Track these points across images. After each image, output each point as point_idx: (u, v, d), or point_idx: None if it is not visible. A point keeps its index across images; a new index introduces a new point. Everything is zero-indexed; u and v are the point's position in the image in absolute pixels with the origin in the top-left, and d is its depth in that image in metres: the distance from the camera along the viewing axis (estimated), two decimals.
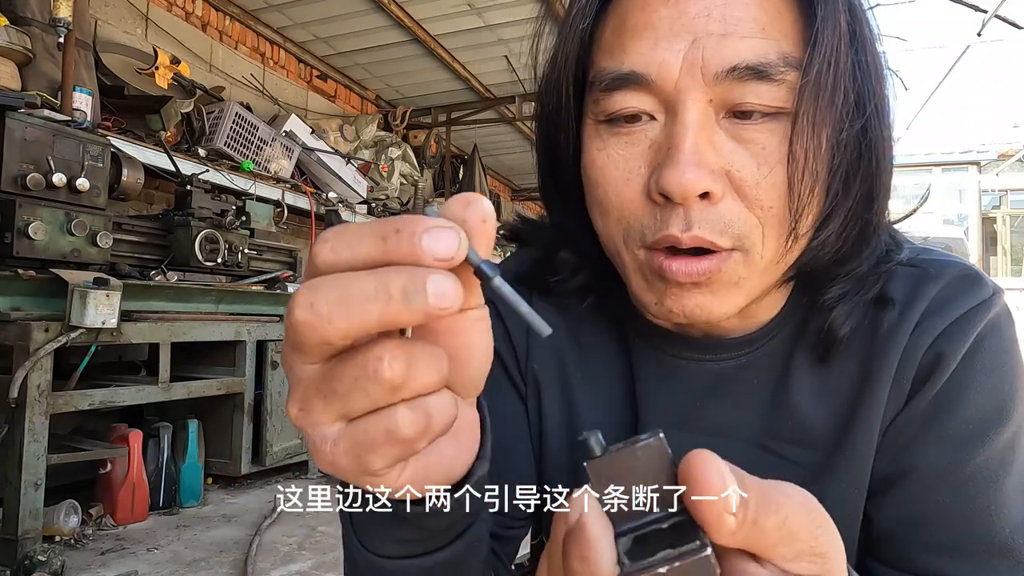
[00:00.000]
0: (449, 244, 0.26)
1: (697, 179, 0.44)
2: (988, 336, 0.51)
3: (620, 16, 0.48)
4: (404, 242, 0.26)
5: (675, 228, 0.46)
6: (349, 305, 0.26)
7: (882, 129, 0.49)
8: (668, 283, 0.48)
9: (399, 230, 0.26)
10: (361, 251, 0.27)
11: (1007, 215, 15.14)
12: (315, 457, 0.30)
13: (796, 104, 0.45)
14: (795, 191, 0.46)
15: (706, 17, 0.45)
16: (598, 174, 0.50)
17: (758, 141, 0.46)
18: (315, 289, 0.27)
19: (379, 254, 0.27)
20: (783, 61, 0.45)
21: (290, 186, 4.36)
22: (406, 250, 0.26)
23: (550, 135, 0.55)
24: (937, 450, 0.51)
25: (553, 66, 0.53)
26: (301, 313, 0.26)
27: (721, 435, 0.56)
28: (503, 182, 9.12)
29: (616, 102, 0.47)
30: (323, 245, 0.28)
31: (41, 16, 2.91)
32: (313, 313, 0.26)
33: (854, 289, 0.53)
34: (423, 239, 0.26)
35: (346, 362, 0.28)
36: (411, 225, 0.26)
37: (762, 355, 0.56)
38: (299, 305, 0.27)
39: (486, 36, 4.98)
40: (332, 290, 0.26)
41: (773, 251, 0.48)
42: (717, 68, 0.44)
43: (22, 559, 2.08)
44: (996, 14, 5.55)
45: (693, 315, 0.48)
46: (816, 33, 0.45)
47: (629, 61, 0.46)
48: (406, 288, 0.25)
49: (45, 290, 2.37)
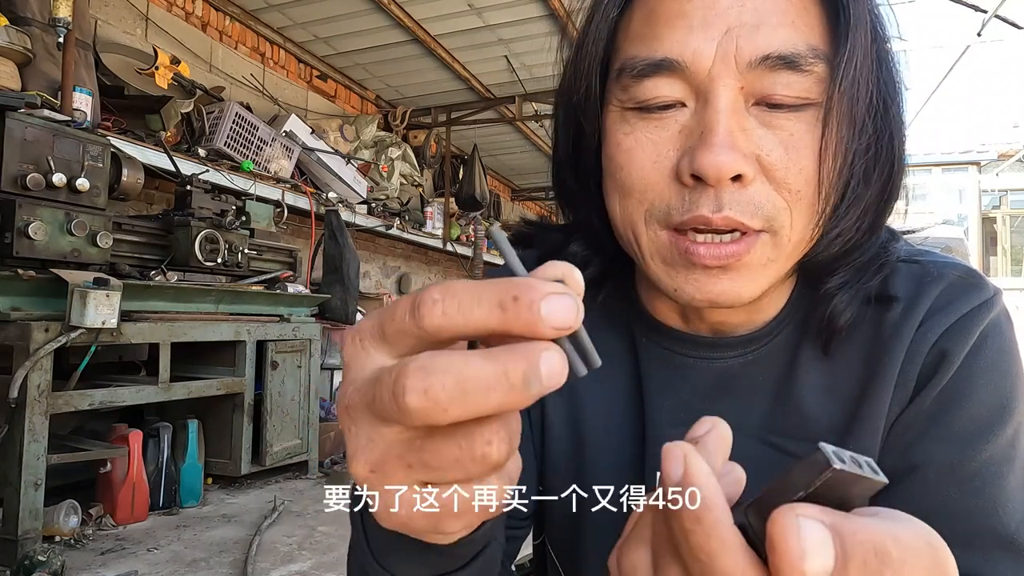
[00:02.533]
0: (568, 314, 0.25)
1: (732, 160, 0.45)
2: (990, 335, 0.52)
3: (650, 6, 0.49)
4: (523, 312, 0.25)
5: (705, 209, 0.47)
6: (469, 394, 0.24)
7: (899, 122, 0.51)
8: (692, 268, 0.49)
9: (517, 298, 0.25)
10: (476, 319, 0.25)
11: (1007, 215, 15.15)
12: (382, 517, 0.29)
13: (828, 95, 0.46)
14: (823, 179, 0.47)
15: (739, 8, 0.46)
16: (624, 156, 0.50)
17: (786, 128, 0.47)
18: (429, 372, 0.24)
19: (496, 324, 0.25)
20: (811, 52, 0.46)
21: (290, 186, 4.37)
22: (525, 321, 0.25)
23: (573, 121, 0.56)
24: (943, 447, 0.51)
25: (581, 55, 0.54)
26: (415, 400, 0.24)
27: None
28: (503, 182, 9.12)
29: (648, 89, 0.48)
30: (432, 307, 0.26)
31: (41, 16, 2.91)
32: (429, 400, 0.24)
33: (854, 278, 0.53)
34: (543, 309, 0.24)
35: (447, 440, 0.26)
36: (529, 292, 0.25)
37: (768, 352, 0.57)
38: (413, 390, 0.24)
39: (486, 36, 4.98)
40: (450, 376, 0.24)
41: (800, 233, 0.49)
42: (750, 56, 0.46)
43: (22, 559, 2.08)
44: (996, 14, 5.55)
45: (719, 300, 0.49)
46: (848, 29, 0.46)
47: (663, 48, 0.47)
48: (527, 375, 0.24)
49: (45, 290, 2.38)
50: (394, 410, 0.25)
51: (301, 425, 3.51)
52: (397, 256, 6.54)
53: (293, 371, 3.46)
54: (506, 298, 0.25)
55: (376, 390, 0.26)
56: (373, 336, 0.28)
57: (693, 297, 0.49)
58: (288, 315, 3.52)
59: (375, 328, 0.28)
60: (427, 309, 0.26)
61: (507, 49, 5.16)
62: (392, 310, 0.27)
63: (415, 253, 6.81)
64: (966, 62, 8.01)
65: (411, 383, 0.24)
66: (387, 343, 0.27)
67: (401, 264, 6.62)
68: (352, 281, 4.11)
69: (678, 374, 0.59)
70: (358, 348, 0.28)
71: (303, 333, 3.54)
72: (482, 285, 0.26)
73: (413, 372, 0.25)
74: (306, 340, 3.56)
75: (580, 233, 0.61)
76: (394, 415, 0.25)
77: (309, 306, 3.75)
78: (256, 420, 3.22)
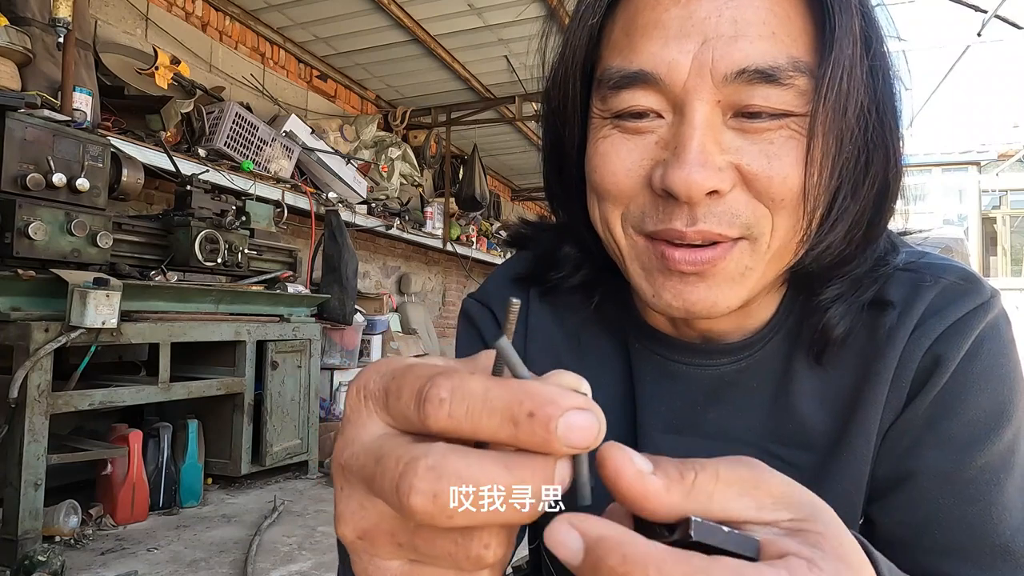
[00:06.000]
0: (588, 434, 0.23)
1: (703, 179, 0.44)
2: (986, 339, 0.51)
3: (630, 14, 0.48)
4: (538, 431, 0.23)
5: (679, 223, 0.46)
6: (477, 507, 0.23)
7: (893, 132, 0.49)
8: (669, 274, 0.48)
9: (533, 414, 0.23)
10: (484, 430, 0.24)
11: (1007, 215, 15.14)
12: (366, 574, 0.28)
13: (812, 108, 0.45)
14: (808, 191, 0.46)
15: (717, 18, 0.45)
16: (600, 160, 0.49)
17: (767, 137, 0.46)
18: (441, 477, 0.23)
19: (506, 439, 0.24)
20: (792, 65, 0.45)
21: (290, 186, 4.36)
22: (540, 440, 0.23)
23: (556, 130, 0.55)
24: (938, 453, 0.50)
25: (561, 61, 0.53)
26: (421, 503, 0.23)
27: (722, 439, 0.56)
28: (503, 182, 9.12)
29: (624, 100, 0.47)
30: (439, 407, 0.24)
31: (41, 16, 2.91)
32: (436, 506, 0.23)
33: (850, 290, 0.52)
34: (559, 428, 0.23)
35: (444, 535, 0.25)
36: (546, 407, 0.23)
37: (761, 359, 0.56)
38: (421, 492, 0.23)
39: (486, 36, 4.98)
40: (460, 483, 0.23)
41: (781, 241, 0.47)
42: (726, 70, 0.44)
43: (22, 559, 2.07)
44: (996, 14, 5.54)
45: (694, 309, 0.48)
46: (833, 40, 0.44)
47: (639, 60, 0.46)
48: (537, 495, 0.23)
49: (45, 290, 2.37)
50: (395, 503, 0.24)
51: (301, 425, 3.51)
52: (397, 256, 6.54)
53: (293, 371, 3.46)
54: (520, 413, 0.23)
55: (378, 471, 0.25)
56: (377, 402, 0.27)
57: (670, 304, 0.48)
58: (288, 315, 3.52)
59: (380, 394, 0.26)
60: (432, 409, 0.24)
61: (507, 49, 5.16)
62: (399, 386, 0.26)
63: (415, 253, 6.81)
64: (966, 62, 8.01)
65: (420, 485, 0.23)
66: (390, 415, 0.26)
67: (401, 264, 6.62)
68: (350, 281, 4.11)
69: (671, 381, 0.58)
70: (361, 406, 0.27)
71: (303, 333, 3.54)
72: (494, 388, 0.24)
73: (424, 474, 0.23)
74: (306, 340, 3.56)
75: (572, 236, 0.60)
76: (393, 506, 0.24)
77: (309, 306, 3.75)
78: (256, 420, 3.22)
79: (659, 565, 0.23)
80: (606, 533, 0.24)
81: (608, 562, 0.23)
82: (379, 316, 5.10)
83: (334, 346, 4.39)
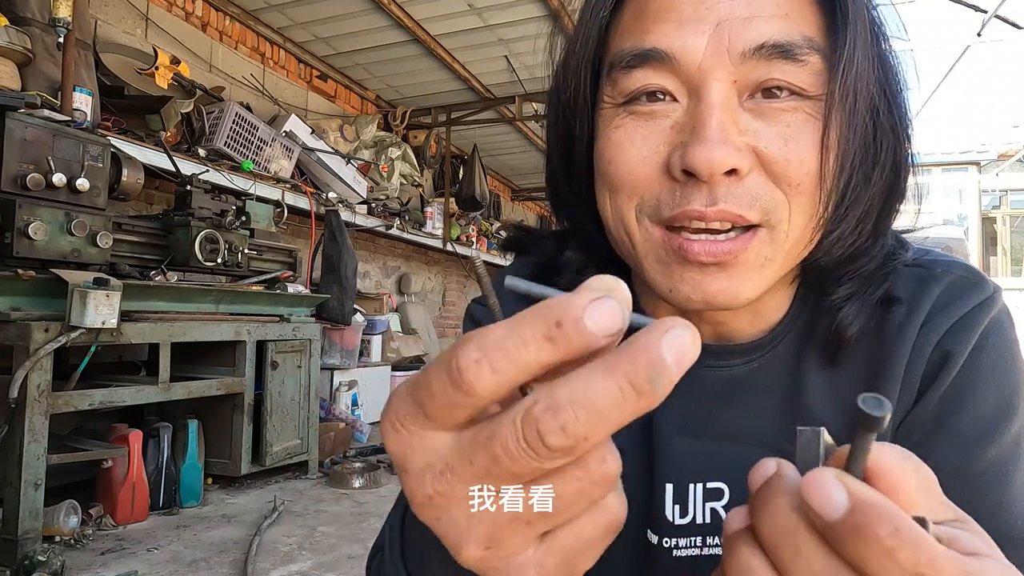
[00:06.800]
0: (614, 319, 0.23)
1: (724, 155, 0.43)
2: (991, 333, 0.52)
3: (640, 2, 0.48)
4: (572, 336, 0.23)
5: (698, 203, 0.45)
6: (603, 416, 0.23)
7: (902, 121, 0.50)
8: (687, 266, 0.47)
9: (560, 323, 0.23)
10: (529, 362, 0.23)
11: (1007, 215, 15.14)
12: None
13: (828, 91, 0.45)
14: (825, 175, 0.46)
15: (731, 1, 0.45)
16: (613, 151, 0.49)
17: (783, 119, 0.46)
18: (559, 409, 0.23)
19: (550, 358, 0.23)
20: (807, 43, 0.45)
21: (290, 186, 4.37)
22: (580, 343, 0.23)
23: (565, 123, 0.55)
24: (950, 448, 0.51)
25: (570, 52, 0.53)
26: (556, 440, 0.23)
27: (735, 440, 0.55)
28: (503, 182, 9.12)
29: (637, 79, 0.47)
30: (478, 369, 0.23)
31: (41, 16, 2.91)
32: (569, 436, 0.23)
33: (861, 289, 0.53)
34: (588, 324, 0.23)
35: (563, 477, 0.25)
36: (568, 312, 0.23)
37: (773, 359, 0.56)
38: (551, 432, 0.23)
39: (486, 36, 4.98)
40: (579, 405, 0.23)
41: (799, 230, 0.47)
42: (743, 47, 0.44)
43: (22, 559, 2.08)
44: (996, 14, 5.55)
45: (715, 300, 0.47)
46: (845, 24, 0.45)
47: (652, 40, 0.46)
48: (651, 376, 0.23)
49: (45, 290, 2.38)
50: (532, 457, 0.23)
51: (301, 425, 3.51)
52: (397, 256, 6.54)
53: (293, 371, 3.46)
54: (550, 327, 0.23)
55: (490, 455, 0.24)
56: (415, 419, 0.25)
57: (688, 297, 0.47)
58: (288, 315, 3.52)
59: (414, 410, 0.25)
60: (472, 374, 0.23)
61: (507, 49, 5.17)
62: (427, 386, 0.25)
63: (415, 253, 6.81)
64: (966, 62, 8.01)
65: (546, 426, 0.23)
66: (434, 422, 0.25)
67: (401, 264, 6.63)
68: (349, 281, 4.11)
69: (683, 383, 0.57)
70: (403, 435, 0.26)
71: (303, 333, 3.54)
72: (515, 324, 0.24)
73: (542, 415, 0.23)
74: (306, 340, 3.56)
75: (575, 239, 0.60)
76: (532, 462, 0.23)
77: (309, 306, 3.75)
78: (256, 420, 3.22)
79: (931, 555, 0.24)
80: (878, 500, 0.25)
81: (878, 530, 0.24)
82: (379, 316, 5.11)
83: (334, 346, 4.39)
